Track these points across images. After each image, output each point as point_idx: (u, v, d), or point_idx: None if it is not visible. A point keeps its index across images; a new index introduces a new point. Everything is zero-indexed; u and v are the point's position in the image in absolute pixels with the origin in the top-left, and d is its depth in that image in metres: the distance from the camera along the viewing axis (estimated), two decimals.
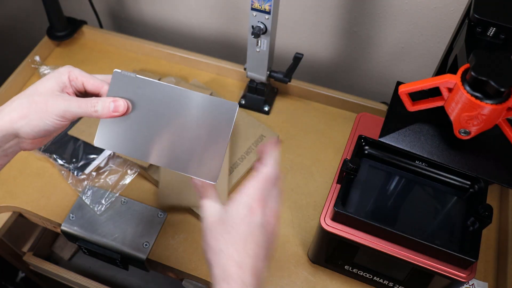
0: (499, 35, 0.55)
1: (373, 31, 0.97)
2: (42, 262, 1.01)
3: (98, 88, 0.50)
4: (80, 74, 0.50)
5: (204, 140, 0.49)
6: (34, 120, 0.46)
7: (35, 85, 0.48)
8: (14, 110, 0.46)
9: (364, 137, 0.70)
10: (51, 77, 0.48)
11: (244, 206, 0.45)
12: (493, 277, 0.75)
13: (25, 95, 0.47)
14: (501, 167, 0.59)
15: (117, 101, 0.48)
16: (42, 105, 0.46)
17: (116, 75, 0.50)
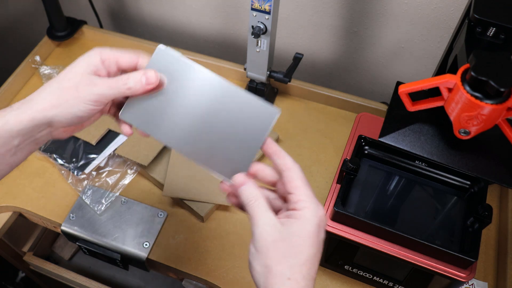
0: (499, 35, 0.55)
1: (373, 31, 0.97)
2: (42, 262, 1.01)
3: (133, 61, 0.47)
4: (112, 52, 0.47)
5: (236, 140, 0.46)
6: (67, 108, 0.44)
7: (64, 71, 0.46)
8: (44, 99, 0.44)
9: (364, 137, 0.70)
10: (80, 60, 0.46)
11: (312, 223, 0.41)
12: (493, 277, 0.75)
13: (55, 82, 0.45)
14: (501, 167, 0.59)
15: (148, 72, 0.45)
16: (73, 91, 0.44)
17: (159, 52, 0.47)
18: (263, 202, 0.42)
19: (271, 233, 0.40)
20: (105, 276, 1.30)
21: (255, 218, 0.42)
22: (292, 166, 0.43)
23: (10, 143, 0.44)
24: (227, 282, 0.74)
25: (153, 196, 0.84)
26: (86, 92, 0.44)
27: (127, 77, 0.45)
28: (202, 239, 0.79)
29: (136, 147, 0.85)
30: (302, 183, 0.42)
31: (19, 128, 0.44)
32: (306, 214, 0.41)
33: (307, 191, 0.42)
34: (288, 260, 0.39)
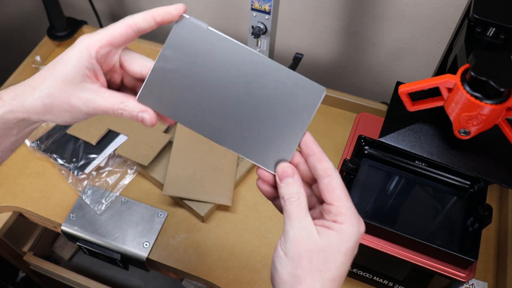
0: (499, 35, 0.55)
1: (373, 31, 0.97)
2: (42, 262, 1.01)
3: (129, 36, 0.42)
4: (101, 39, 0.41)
5: (277, 123, 0.41)
6: (59, 117, 0.42)
7: (53, 69, 0.41)
8: (35, 102, 0.42)
9: (364, 137, 0.70)
10: (70, 59, 0.41)
11: (352, 240, 0.38)
12: (493, 277, 0.75)
13: (44, 85, 0.41)
14: (500, 167, 0.59)
15: (145, 114, 0.42)
16: (64, 105, 0.41)
17: (184, 23, 0.41)
18: (305, 203, 0.39)
19: (308, 241, 0.37)
20: (105, 276, 1.30)
21: (293, 219, 0.38)
22: (333, 173, 0.40)
23: (9, 133, 0.44)
24: (227, 282, 0.74)
25: (153, 196, 0.84)
26: (77, 111, 0.42)
27: (124, 106, 0.42)
28: (202, 239, 0.79)
29: (136, 147, 0.85)
30: (344, 194, 0.39)
31: (16, 121, 0.43)
32: (348, 230, 0.38)
33: (349, 203, 0.39)
34: (321, 274, 0.37)
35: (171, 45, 0.41)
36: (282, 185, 0.40)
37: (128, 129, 0.88)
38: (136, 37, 0.43)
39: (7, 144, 0.45)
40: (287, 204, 0.39)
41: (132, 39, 0.43)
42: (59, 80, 0.41)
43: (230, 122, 0.41)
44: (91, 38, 0.42)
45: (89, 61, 0.41)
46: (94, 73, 0.42)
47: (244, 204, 0.83)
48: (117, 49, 0.43)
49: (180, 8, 0.41)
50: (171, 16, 0.42)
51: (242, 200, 0.83)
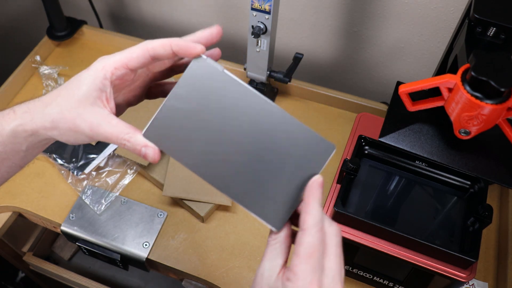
0: (499, 35, 0.55)
1: (373, 31, 0.97)
2: (42, 262, 1.01)
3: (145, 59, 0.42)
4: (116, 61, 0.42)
5: (283, 178, 0.40)
6: (65, 135, 0.43)
7: (66, 89, 0.42)
8: (44, 118, 0.42)
9: (364, 137, 0.70)
10: (84, 80, 0.42)
11: None
12: (493, 277, 0.75)
13: (56, 102, 0.42)
14: (501, 167, 0.59)
15: (149, 149, 0.41)
16: (70, 124, 0.42)
17: (199, 63, 0.40)
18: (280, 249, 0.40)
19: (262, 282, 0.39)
20: (105, 276, 1.29)
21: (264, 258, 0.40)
22: (308, 227, 0.38)
23: (18, 149, 0.44)
24: (227, 282, 0.74)
25: (153, 196, 0.84)
26: (81, 132, 0.42)
27: (128, 137, 0.41)
28: (202, 239, 0.79)
29: None
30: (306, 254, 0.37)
31: (25, 135, 0.43)
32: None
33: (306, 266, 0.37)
34: None
35: (184, 85, 0.40)
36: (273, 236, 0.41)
37: None
38: (153, 62, 0.43)
39: (16, 160, 0.45)
40: (268, 243, 0.41)
41: (148, 64, 0.43)
42: (71, 99, 0.42)
43: (236, 172, 0.40)
44: (107, 59, 0.42)
45: (103, 82, 0.41)
46: (106, 97, 0.42)
47: None
48: (133, 72, 0.43)
49: (200, 48, 0.42)
50: (189, 52, 0.42)
51: None
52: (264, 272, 0.39)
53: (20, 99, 0.99)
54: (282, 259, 0.39)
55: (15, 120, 0.43)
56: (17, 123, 0.43)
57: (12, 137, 0.43)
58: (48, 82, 0.99)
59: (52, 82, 0.99)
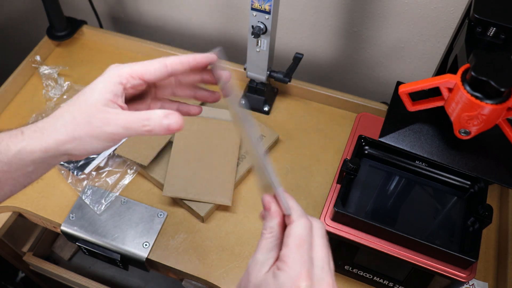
0: (499, 35, 0.55)
1: (373, 31, 0.97)
2: (42, 262, 1.01)
3: (162, 73, 0.43)
4: (132, 71, 0.43)
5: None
6: (81, 144, 0.42)
7: (79, 98, 0.42)
8: (58, 131, 0.42)
9: (364, 137, 0.70)
10: (97, 86, 0.42)
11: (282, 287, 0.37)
12: (493, 277, 0.75)
13: (68, 112, 0.42)
14: (501, 167, 0.59)
15: (171, 116, 0.41)
16: (86, 128, 0.41)
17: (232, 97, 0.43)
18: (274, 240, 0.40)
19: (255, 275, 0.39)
20: (105, 276, 1.29)
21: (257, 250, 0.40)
22: (292, 221, 0.40)
23: (24, 170, 0.43)
24: (227, 282, 0.74)
25: (153, 196, 0.84)
26: (99, 131, 0.41)
27: (146, 117, 0.41)
28: (202, 239, 0.79)
29: (136, 147, 0.85)
30: (295, 245, 0.38)
31: (32, 157, 0.42)
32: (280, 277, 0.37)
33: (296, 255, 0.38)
34: None
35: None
36: (265, 216, 0.42)
37: None
38: (168, 77, 0.44)
39: (21, 180, 0.45)
40: (261, 236, 0.41)
41: (164, 79, 0.44)
42: (83, 105, 0.42)
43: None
44: (123, 67, 0.43)
45: (117, 86, 0.42)
46: (120, 101, 0.42)
47: (244, 204, 0.83)
48: (146, 85, 0.44)
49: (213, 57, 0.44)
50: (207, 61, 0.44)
51: (242, 200, 0.83)
52: (257, 264, 0.39)
53: (20, 99, 0.99)
54: (276, 252, 0.40)
55: (22, 141, 0.42)
56: (24, 144, 0.42)
57: (18, 158, 0.42)
58: (48, 82, 0.99)
59: (52, 82, 0.99)
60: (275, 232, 0.40)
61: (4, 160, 0.42)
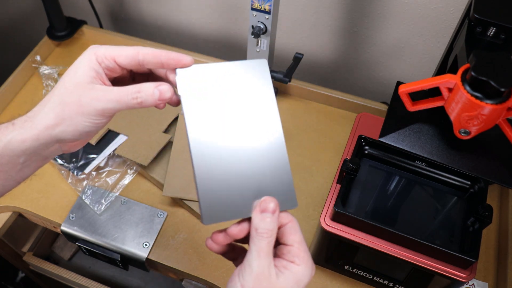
0: (499, 35, 0.55)
1: (373, 31, 0.97)
2: (42, 262, 1.01)
3: (134, 58, 0.43)
4: (106, 51, 0.43)
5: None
6: (71, 125, 0.41)
7: (63, 79, 0.42)
8: (47, 115, 0.42)
9: (364, 137, 0.70)
10: (79, 65, 0.42)
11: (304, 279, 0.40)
12: (493, 277, 0.75)
13: (56, 95, 0.42)
14: (501, 167, 0.59)
15: (161, 86, 0.42)
16: (75, 106, 0.41)
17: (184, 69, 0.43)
18: (273, 243, 0.40)
19: (267, 280, 0.39)
20: (105, 276, 1.30)
21: (262, 255, 0.39)
22: (293, 218, 0.42)
23: (15, 161, 0.43)
24: (227, 282, 0.74)
25: (153, 196, 0.84)
26: (89, 108, 0.41)
27: (137, 90, 0.42)
28: (202, 239, 0.79)
29: (136, 147, 0.85)
30: (303, 238, 0.42)
31: (23, 147, 0.42)
32: (304, 271, 0.40)
33: (306, 247, 0.41)
34: None
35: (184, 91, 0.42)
36: (260, 217, 0.40)
37: (127, 129, 0.88)
38: (140, 67, 0.44)
39: (13, 173, 0.44)
40: (259, 238, 0.39)
41: (135, 67, 0.44)
42: (68, 86, 0.42)
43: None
44: (99, 48, 0.43)
45: (96, 64, 0.42)
46: (102, 77, 0.43)
47: None
48: (120, 68, 0.44)
49: (190, 59, 0.43)
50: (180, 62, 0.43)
51: None
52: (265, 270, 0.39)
53: (20, 99, 0.99)
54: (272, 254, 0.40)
55: (13, 131, 0.42)
56: (15, 134, 0.42)
57: (8, 149, 0.42)
58: (48, 82, 0.99)
59: (52, 82, 0.99)
60: (274, 234, 0.40)
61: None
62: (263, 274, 0.39)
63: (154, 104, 0.42)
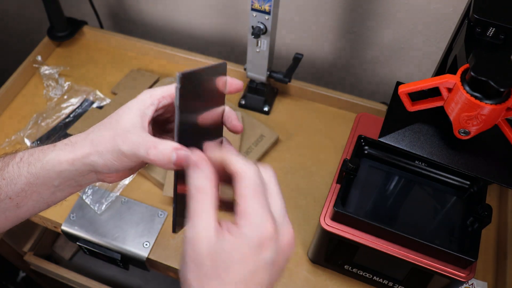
0: (499, 35, 0.55)
1: (373, 32, 0.97)
2: (42, 262, 1.02)
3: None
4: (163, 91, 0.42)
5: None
6: (102, 158, 0.41)
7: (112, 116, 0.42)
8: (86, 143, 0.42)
9: (363, 137, 0.70)
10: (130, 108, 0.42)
11: (249, 244, 0.33)
12: (493, 277, 0.75)
13: (99, 129, 0.42)
14: (500, 167, 0.59)
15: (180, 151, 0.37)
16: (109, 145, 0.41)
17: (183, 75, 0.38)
18: (211, 201, 0.35)
19: (203, 244, 0.33)
20: (105, 276, 1.30)
21: (193, 216, 0.35)
22: (242, 169, 0.35)
23: (49, 183, 0.43)
24: None
25: (153, 196, 0.84)
26: (117, 148, 0.40)
27: (153, 145, 0.39)
28: None
29: None
30: (251, 192, 0.34)
31: (59, 169, 0.42)
32: (246, 232, 0.33)
33: (256, 205, 0.34)
34: (211, 281, 0.33)
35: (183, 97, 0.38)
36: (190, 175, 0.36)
37: None
38: None
39: (45, 195, 0.44)
40: (190, 200, 0.35)
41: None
42: (113, 123, 0.41)
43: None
44: (154, 90, 0.43)
45: (149, 107, 0.42)
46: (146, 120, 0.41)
47: None
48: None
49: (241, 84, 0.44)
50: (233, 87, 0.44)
51: None
52: (201, 232, 0.34)
53: (21, 99, 0.99)
54: (216, 214, 0.35)
55: (52, 152, 0.42)
56: (53, 155, 0.42)
57: (45, 169, 0.42)
58: (49, 82, 0.99)
59: (53, 83, 0.99)
60: (208, 190, 0.35)
61: (32, 171, 0.42)
62: (198, 238, 0.34)
63: (166, 166, 0.38)
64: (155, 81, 1.00)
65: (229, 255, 0.33)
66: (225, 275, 0.33)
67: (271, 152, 0.90)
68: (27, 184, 0.43)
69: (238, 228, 0.34)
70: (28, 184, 0.43)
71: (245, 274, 0.33)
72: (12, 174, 0.43)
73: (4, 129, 0.93)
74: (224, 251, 0.33)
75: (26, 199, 0.44)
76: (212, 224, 0.34)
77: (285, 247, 0.35)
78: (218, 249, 0.33)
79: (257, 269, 0.33)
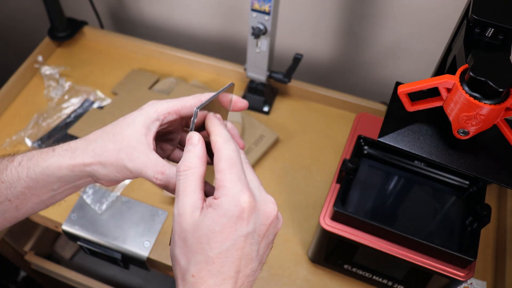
0: (498, 35, 0.55)
1: (373, 32, 0.97)
2: (43, 261, 1.02)
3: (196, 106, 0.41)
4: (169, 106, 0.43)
5: None
6: (104, 169, 0.42)
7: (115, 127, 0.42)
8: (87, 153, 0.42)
9: (363, 137, 0.70)
10: (135, 119, 0.42)
11: (227, 215, 0.34)
12: (492, 276, 0.75)
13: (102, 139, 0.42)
14: (499, 167, 0.59)
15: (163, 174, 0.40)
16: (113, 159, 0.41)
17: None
18: (196, 178, 0.36)
19: (188, 220, 0.34)
20: (105, 276, 1.30)
21: (179, 195, 0.36)
22: (221, 145, 0.37)
23: (49, 187, 0.44)
24: None
25: (153, 195, 0.84)
26: (121, 164, 0.41)
27: (161, 170, 0.40)
28: None
29: None
30: (228, 166, 0.35)
31: (59, 175, 0.43)
32: (223, 204, 0.34)
33: (232, 176, 0.35)
34: (194, 256, 0.34)
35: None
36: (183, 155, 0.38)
37: None
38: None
39: (44, 198, 0.45)
40: (178, 179, 0.37)
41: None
42: (117, 135, 0.42)
43: None
44: (161, 104, 0.43)
45: (154, 122, 0.42)
46: (150, 136, 0.42)
47: None
48: (182, 120, 0.44)
49: (246, 103, 0.45)
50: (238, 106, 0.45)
51: None
52: (187, 209, 0.35)
53: (22, 100, 0.99)
54: (202, 193, 0.36)
55: (52, 157, 0.43)
56: (53, 160, 0.42)
57: (45, 174, 0.42)
58: (49, 83, 0.99)
59: (54, 83, 0.99)
60: (196, 169, 0.37)
61: (32, 175, 0.43)
62: (184, 215, 0.35)
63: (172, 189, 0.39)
64: (155, 81, 1.00)
65: (210, 228, 0.34)
66: (208, 247, 0.34)
67: (271, 152, 0.90)
68: (27, 188, 0.43)
69: (217, 201, 0.35)
70: (28, 188, 0.43)
71: (227, 245, 0.34)
72: (11, 178, 0.43)
73: (5, 129, 0.94)
74: (205, 225, 0.34)
75: (26, 202, 0.44)
76: (197, 202, 0.35)
77: (267, 219, 0.36)
78: (201, 224, 0.34)
79: (237, 240, 0.34)
